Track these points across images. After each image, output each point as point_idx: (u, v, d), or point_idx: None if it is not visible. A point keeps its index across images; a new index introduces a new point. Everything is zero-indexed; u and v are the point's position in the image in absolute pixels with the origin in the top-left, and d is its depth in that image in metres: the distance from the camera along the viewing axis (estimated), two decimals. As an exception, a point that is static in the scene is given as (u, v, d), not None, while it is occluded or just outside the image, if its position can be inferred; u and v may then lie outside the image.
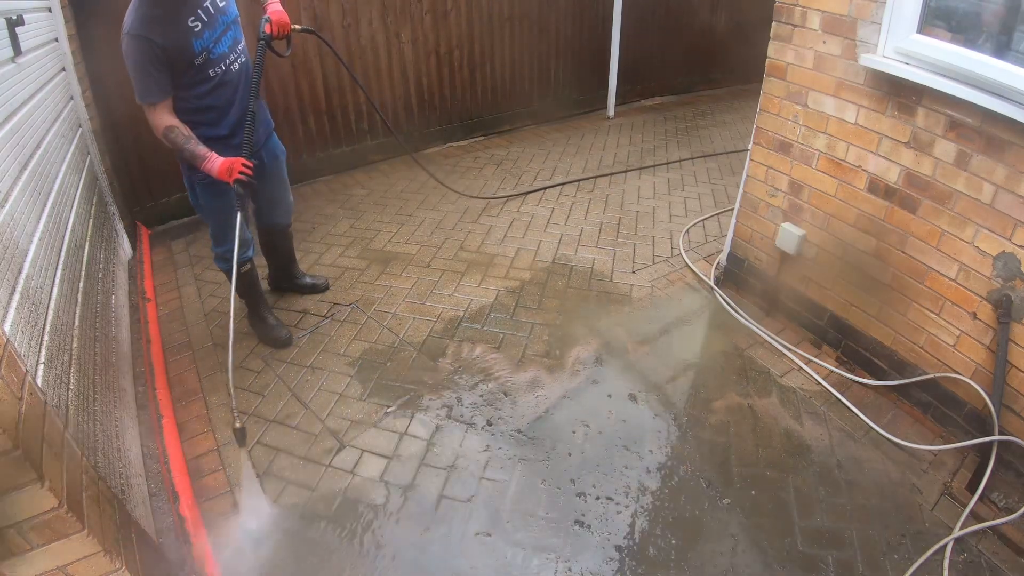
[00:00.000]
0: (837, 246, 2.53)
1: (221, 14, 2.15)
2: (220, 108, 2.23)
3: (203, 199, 2.39)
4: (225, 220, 2.41)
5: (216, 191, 2.33)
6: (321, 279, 3.20)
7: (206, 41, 2.08)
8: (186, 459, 2.19)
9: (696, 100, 6.43)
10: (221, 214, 2.42)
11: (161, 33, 1.97)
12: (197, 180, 2.32)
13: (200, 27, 2.06)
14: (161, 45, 1.97)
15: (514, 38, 5.10)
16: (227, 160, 2.15)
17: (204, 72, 2.11)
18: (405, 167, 4.64)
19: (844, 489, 2.10)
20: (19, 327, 1.50)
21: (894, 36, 2.08)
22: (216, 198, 2.37)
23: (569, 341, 2.81)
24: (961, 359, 2.18)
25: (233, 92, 2.24)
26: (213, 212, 2.44)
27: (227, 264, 2.49)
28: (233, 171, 2.14)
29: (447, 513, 2.02)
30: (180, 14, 2.02)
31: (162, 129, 2.08)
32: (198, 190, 2.37)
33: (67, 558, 1.21)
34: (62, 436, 1.28)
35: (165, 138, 2.10)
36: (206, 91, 2.15)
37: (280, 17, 2.28)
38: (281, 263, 3.04)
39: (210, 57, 2.11)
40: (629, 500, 2.07)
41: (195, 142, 2.13)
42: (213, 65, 2.13)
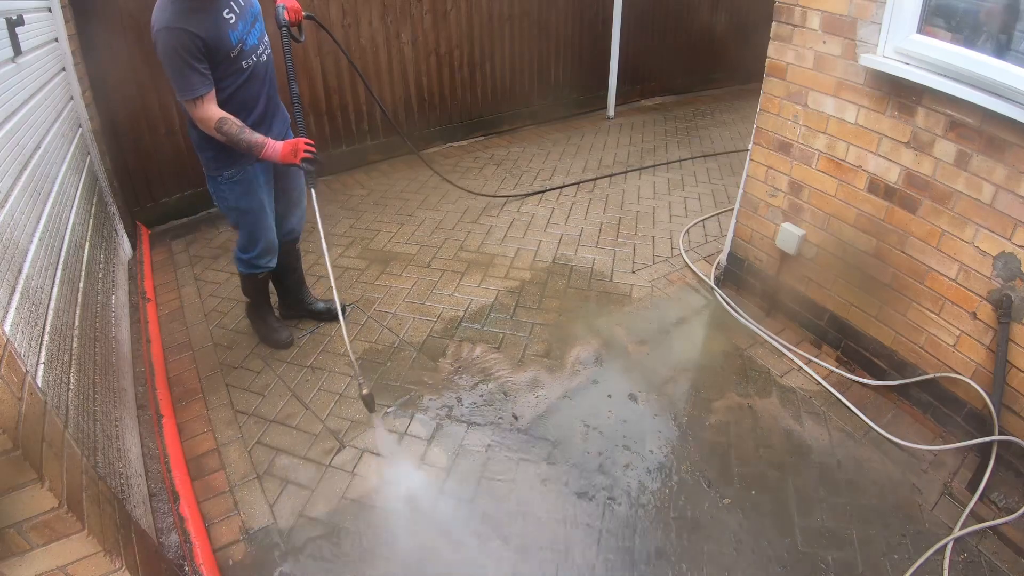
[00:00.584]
0: (837, 246, 2.53)
1: (249, 6, 2.16)
2: (250, 100, 2.19)
3: (232, 198, 2.30)
4: (256, 222, 2.37)
5: (246, 189, 2.28)
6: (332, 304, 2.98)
7: (241, 33, 2.07)
8: (186, 459, 2.19)
9: (696, 100, 6.43)
10: (251, 215, 2.35)
11: (200, 25, 1.92)
12: (224, 179, 2.25)
13: (234, 19, 2.05)
14: (201, 36, 1.92)
15: (514, 38, 5.10)
16: (289, 142, 2.14)
17: (238, 64, 2.09)
18: (405, 167, 4.64)
19: (844, 489, 2.10)
20: (19, 327, 1.50)
21: (894, 36, 2.08)
22: (246, 196, 2.30)
23: (569, 341, 2.81)
24: (961, 359, 2.18)
25: (260, 85, 2.22)
26: (243, 214, 2.35)
27: (252, 269, 2.51)
28: (298, 151, 2.13)
29: (447, 513, 2.02)
30: (215, 6, 2.00)
31: (215, 121, 2.02)
32: (225, 190, 2.28)
33: (67, 558, 1.21)
34: (62, 436, 1.28)
35: (219, 131, 2.04)
36: (239, 84, 2.12)
37: (293, 3, 2.28)
38: (291, 286, 2.86)
39: (243, 49, 2.09)
40: (630, 500, 2.07)
41: (249, 131, 2.09)
42: (246, 57, 2.11)
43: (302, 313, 2.94)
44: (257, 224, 2.39)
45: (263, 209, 2.38)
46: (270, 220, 2.43)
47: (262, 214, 2.38)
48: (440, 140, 5.10)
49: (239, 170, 2.24)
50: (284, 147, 2.14)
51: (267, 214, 2.41)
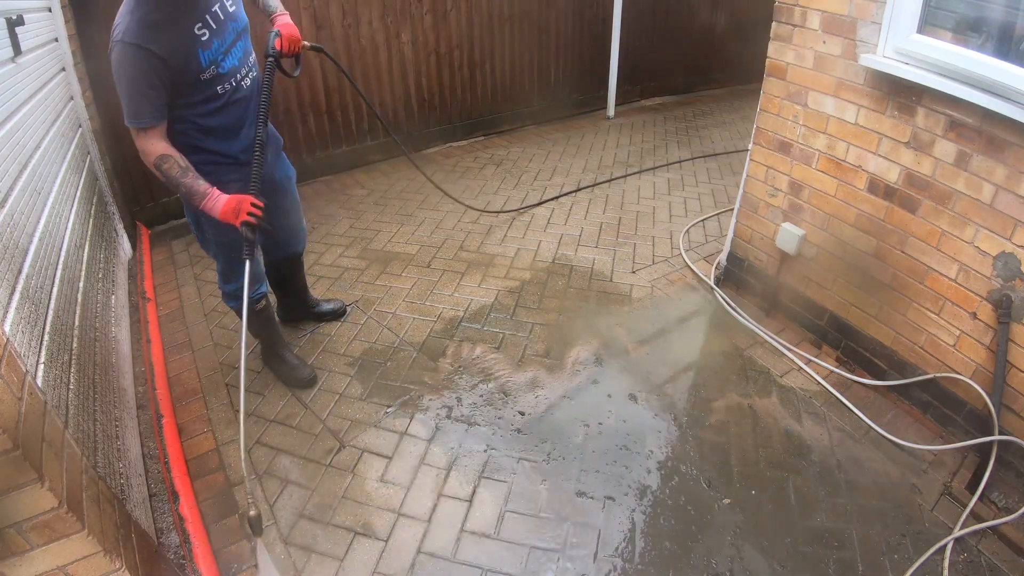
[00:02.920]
0: (837, 246, 2.53)
1: (231, 20, 1.85)
2: (231, 129, 1.94)
3: (210, 233, 2.10)
4: (234, 256, 2.09)
5: (226, 225, 1.95)
6: (338, 303, 2.95)
7: (215, 52, 1.79)
8: (186, 459, 2.19)
9: (696, 100, 6.43)
10: (231, 250, 2.10)
11: (162, 42, 1.66)
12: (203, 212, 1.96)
13: (208, 36, 1.76)
14: (161, 56, 1.66)
15: (514, 38, 5.10)
16: (232, 199, 1.85)
17: (211, 88, 1.82)
18: (405, 167, 4.63)
19: (844, 489, 2.10)
20: (19, 327, 1.50)
21: (894, 36, 2.08)
22: (226, 233, 2.03)
23: (569, 341, 2.81)
24: (961, 359, 2.18)
25: (244, 111, 1.95)
26: (223, 246, 2.13)
27: (238, 302, 2.14)
28: (240, 211, 1.84)
29: (447, 513, 2.02)
30: (185, 19, 1.72)
31: (153, 158, 1.77)
32: (203, 223, 2.07)
33: (67, 558, 1.21)
34: (62, 436, 1.28)
35: (157, 169, 1.79)
36: (213, 110, 1.86)
37: (291, 32, 2.00)
38: (294, 293, 2.77)
39: (218, 72, 1.81)
40: (629, 500, 2.07)
41: (193, 175, 1.82)
42: (222, 81, 1.84)
43: (305, 316, 2.88)
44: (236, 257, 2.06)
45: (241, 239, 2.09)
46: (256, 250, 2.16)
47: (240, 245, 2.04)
48: (440, 140, 5.10)
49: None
50: (226, 204, 1.84)
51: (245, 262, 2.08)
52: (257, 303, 2.33)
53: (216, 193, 1.85)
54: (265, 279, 2.36)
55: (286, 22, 2.04)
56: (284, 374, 2.56)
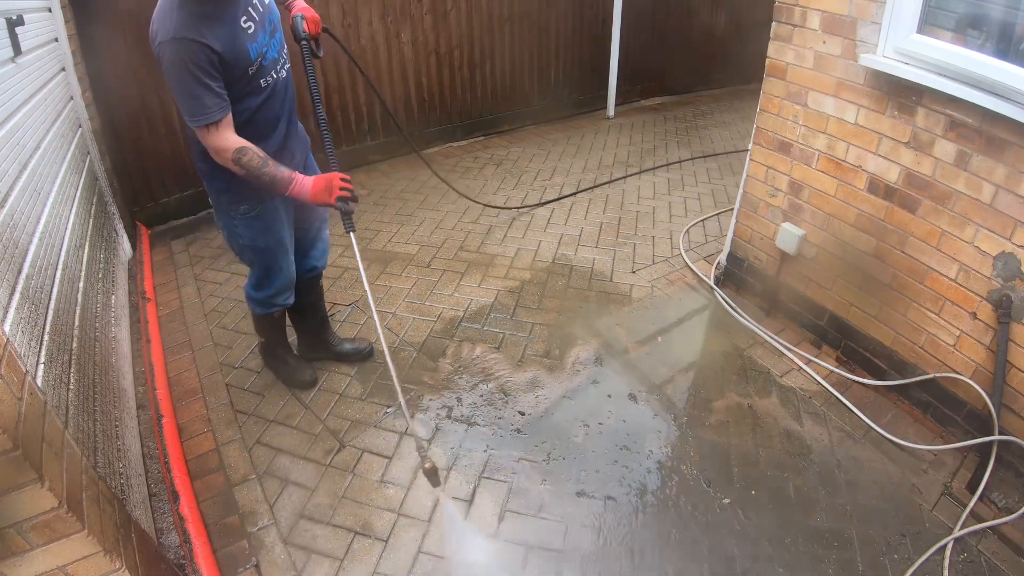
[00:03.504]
0: (837, 246, 2.53)
1: (268, 13, 1.82)
2: (269, 124, 1.88)
3: (247, 236, 2.01)
4: (274, 260, 2.09)
5: (265, 225, 1.98)
6: (364, 343, 2.67)
7: (260, 45, 1.75)
8: (186, 459, 2.19)
9: (696, 100, 6.43)
10: (269, 254, 2.07)
11: (214, 35, 1.60)
12: (239, 215, 1.96)
13: (253, 28, 1.72)
14: (216, 49, 1.60)
15: (514, 38, 5.10)
16: (320, 178, 1.83)
17: (256, 82, 1.77)
18: (405, 167, 4.64)
19: (844, 489, 2.10)
20: (19, 327, 1.50)
21: (894, 36, 2.08)
22: (264, 233, 2.01)
23: (569, 341, 2.81)
24: (961, 359, 2.18)
25: (280, 105, 1.91)
26: (260, 252, 2.06)
27: (268, 308, 2.24)
28: (333, 189, 1.82)
29: (447, 513, 2.02)
30: (232, 12, 1.67)
31: (232, 152, 1.70)
32: (240, 227, 1.99)
33: (67, 558, 1.21)
34: (62, 436, 1.28)
35: (237, 163, 1.71)
36: (257, 104, 1.80)
37: (312, 14, 2.01)
38: (312, 325, 2.58)
39: (263, 64, 1.77)
40: (630, 500, 2.07)
41: (274, 163, 1.77)
42: (265, 73, 1.79)
43: (324, 355, 2.63)
44: (275, 262, 2.11)
45: (282, 245, 2.09)
46: (291, 256, 2.16)
47: (281, 250, 2.10)
48: (440, 140, 5.10)
49: (256, 204, 1.94)
50: (316, 183, 1.82)
51: (287, 250, 2.13)
52: (276, 312, 2.31)
53: (300, 177, 1.82)
54: (294, 289, 2.26)
55: (304, 5, 2.03)
56: (285, 375, 2.53)
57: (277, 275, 2.15)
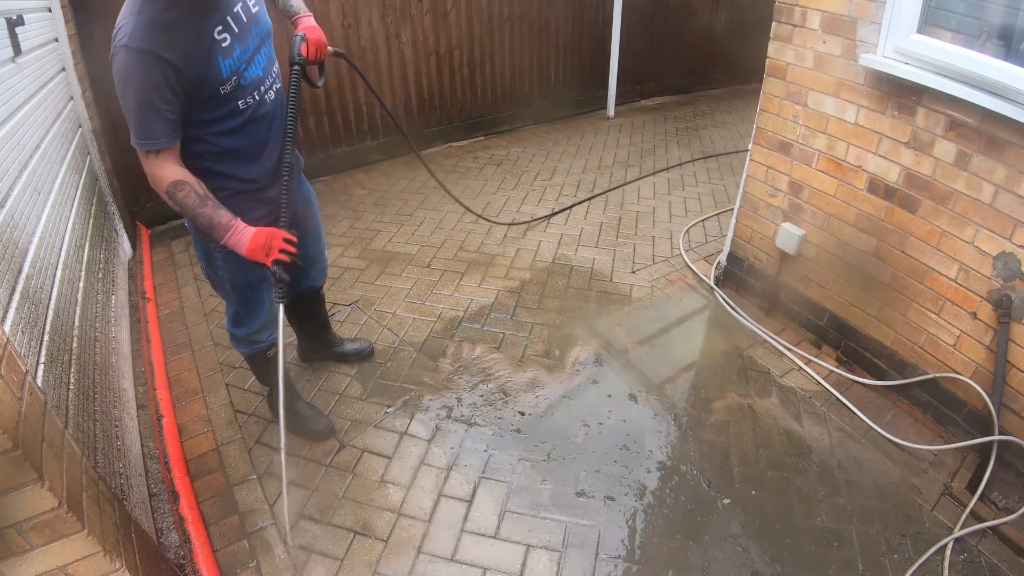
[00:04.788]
0: (837, 246, 2.53)
1: (254, 23, 1.58)
2: (251, 151, 1.67)
3: (224, 271, 1.81)
4: (254, 296, 1.89)
5: (243, 261, 1.65)
6: (364, 343, 2.64)
7: (237, 60, 1.51)
8: (186, 459, 2.19)
9: (696, 100, 6.43)
10: (249, 290, 1.87)
11: (176, 47, 1.38)
12: (218, 248, 1.71)
13: (230, 41, 1.49)
14: (175, 65, 1.38)
15: (514, 38, 5.10)
16: (260, 232, 1.58)
17: (232, 103, 1.54)
18: (405, 167, 4.64)
19: (844, 489, 2.10)
20: (19, 327, 1.50)
21: (894, 36, 2.08)
22: (242, 270, 1.80)
23: (569, 341, 2.81)
24: (961, 359, 2.18)
25: (267, 130, 1.68)
26: (237, 288, 1.86)
27: (253, 347, 2.04)
28: (272, 248, 1.58)
29: (447, 513, 2.02)
30: (203, 20, 1.44)
31: (166, 185, 1.48)
32: (217, 260, 1.79)
33: (67, 558, 1.21)
34: (62, 436, 1.28)
35: (171, 198, 1.50)
36: (233, 128, 1.58)
37: (318, 36, 1.75)
38: (313, 331, 2.51)
39: (240, 83, 1.54)
40: (630, 500, 2.07)
41: (213, 204, 1.54)
42: (244, 94, 1.56)
43: (325, 356, 2.60)
44: (255, 299, 1.90)
45: (264, 280, 1.87)
46: (266, 293, 1.92)
47: (262, 286, 1.89)
48: (440, 140, 5.10)
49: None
50: (254, 239, 1.57)
51: (269, 285, 1.87)
52: (268, 349, 2.08)
53: (241, 226, 1.57)
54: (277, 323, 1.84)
55: (311, 25, 1.78)
56: (297, 426, 2.24)
57: (258, 312, 1.93)
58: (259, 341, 2.04)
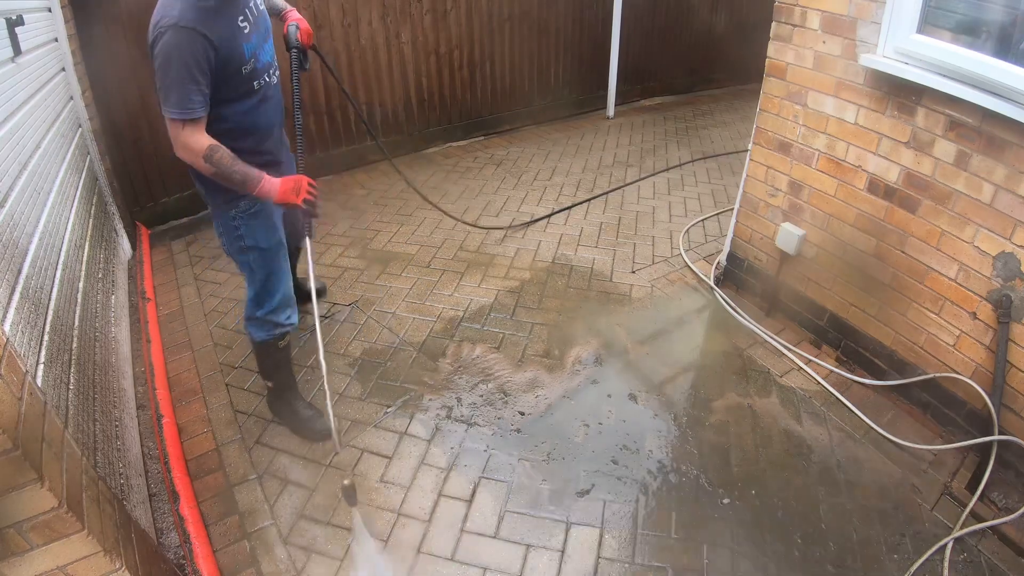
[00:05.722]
0: (837, 246, 2.53)
1: (262, 18, 1.84)
2: (262, 129, 1.89)
3: (249, 236, 1.95)
4: (275, 263, 2.04)
5: (265, 222, 1.93)
6: (319, 283, 3.02)
7: (253, 46, 1.75)
8: (186, 459, 2.19)
9: (696, 100, 6.43)
10: (270, 256, 2.01)
11: (215, 29, 1.60)
12: (240, 213, 1.90)
13: (248, 29, 1.73)
14: (215, 44, 1.60)
15: (514, 38, 5.10)
16: (289, 179, 1.80)
17: (249, 83, 1.77)
18: (404, 167, 4.63)
19: (844, 489, 2.10)
20: (19, 327, 1.50)
21: (894, 36, 2.08)
22: (265, 232, 1.96)
23: (569, 341, 2.81)
24: (961, 359, 2.18)
25: (273, 112, 1.92)
26: (262, 254, 1.99)
27: (270, 331, 2.11)
28: (300, 190, 1.80)
29: (447, 513, 2.02)
30: (232, 9, 1.68)
31: (203, 150, 1.66)
32: (241, 226, 1.93)
33: (67, 558, 1.21)
34: (62, 436, 1.28)
35: (208, 160, 1.67)
36: (249, 107, 1.81)
37: (307, 26, 2.06)
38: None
39: (256, 66, 1.77)
40: (629, 500, 2.07)
41: (241, 163, 1.73)
42: (258, 76, 1.79)
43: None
44: (276, 267, 2.05)
45: (282, 244, 2.06)
46: (288, 263, 2.11)
47: (281, 253, 2.05)
48: (440, 140, 5.10)
49: (255, 200, 1.88)
50: (284, 184, 1.78)
51: (285, 254, 2.08)
52: (282, 339, 2.17)
53: (268, 176, 1.78)
54: (295, 309, 2.15)
55: (299, 17, 2.10)
56: (296, 426, 2.30)
57: (278, 284, 2.06)
58: (277, 323, 2.11)
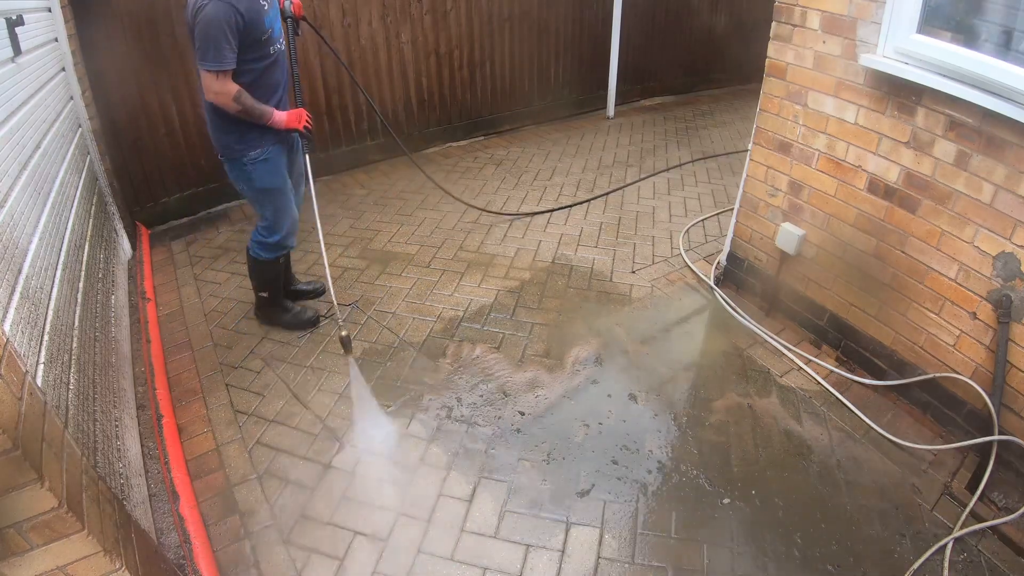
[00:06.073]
0: (837, 246, 2.53)
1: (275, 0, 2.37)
2: (273, 84, 2.38)
3: (258, 179, 2.45)
4: (283, 199, 2.54)
5: (272, 167, 2.45)
6: (318, 283, 3.16)
7: (270, 20, 2.26)
8: (186, 459, 2.19)
9: (696, 100, 6.43)
10: (278, 193, 2.52)
11: (243, 3, 2.12)
12: (251, 160, 2.39)
13: (267, 6, 2.26)
14: (244, 16, 2.12)
15: (514, 38, 5.10)
16: (293, 111, 2.40)
17: (266, 48, 2.27)
18: (405, 167, 4.63)
19: (844, 489, 2.10)
20: (19, 327, 1.50)
21: (894, 36, 2.08)
22: (272, 175, 2.47)
23: (569, 341, 2.81)
24: (961, 359, 2.18)
25: (281, 72, 2.41)
26: (271, 193, 2.51)
27: (276, 252, 2.66)
28: (301, 118, 2.40)
29: (447, 513, 2.02)
30: None
31: (233, 93, 2.20)
32: (252, 171, 2.42)
33: (67, 558, 1.21)
34: (62, 436, 1.28)
35: (237, 101, 2.21)
36: (265, 67, 2.31)
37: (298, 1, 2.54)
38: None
39: (272, 35, 2.28)
40: (629, 500, 2.07)
41: (259, 102, 2.29)
42: (272, 43, 2.30)
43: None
44: (284, 202, 2.56)
45: (287, 184, 2.57)
46: (292, 198, 2.62)
47: (287, 189, 2.56)
48: (440, 140, 5.10)
49: (264, 149, 2.40)
50: (289, 115, 2.38)
51: (291, 191, 2.60)
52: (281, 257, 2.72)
53: (276, 111, 2.35)
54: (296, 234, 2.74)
55: None
56: (287, 321, 2.85)
57: (286, 214, 2.58)
58: (283, 247, 2.67)
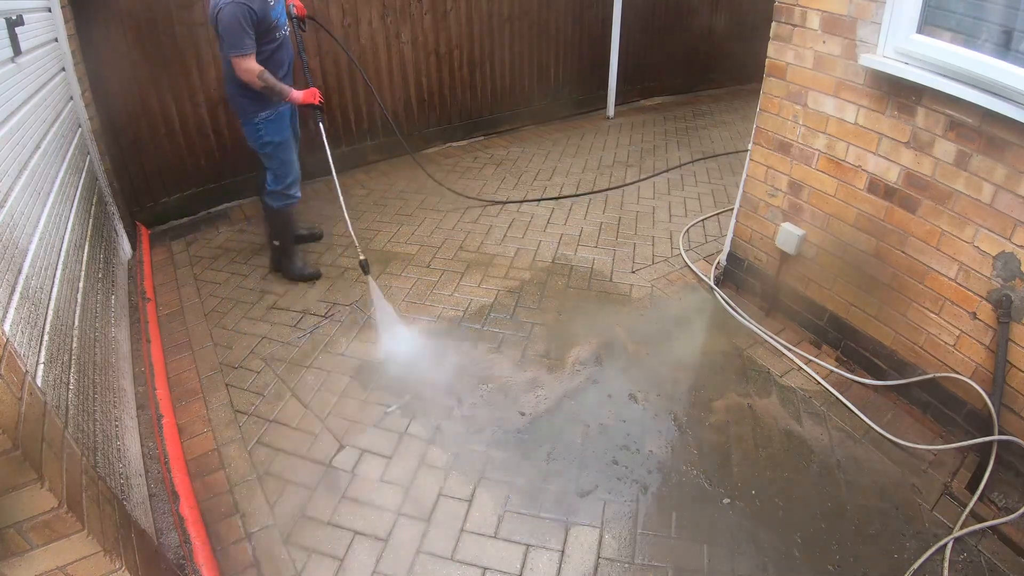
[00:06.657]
0: (837, 246, 2.53)
1: None
2: (280, 62, 2.81)
3: (268, 135, 2.88)
4: (288, 151, 2.98)
5: (279, 125, 2.89)
6: (316, 228, 3.69)
7: (277, 12, 2.72)
8: (186, 459, 2.19)
9: (696, 100, 6.43)
10: (285, 146, 2.95)
11: (257, 4, 2.56)
12: (262, 120, 2.83)
13: (274, 2, 2.70)
14: (257, 11, 2.56)
15: (514, 38, 5.10)
16: (309, 90, 2.85)
17: (274, 34, 2.72)
18: (405, 167, 4.63)
19: (844, 489, 2.10)
20: (19, 327, 1.50)
21: (894, 36, 2.08)
22: (280, 131, 2.90)
23: (569, 341, 2.81)
24: (961, 359, 2.18)
25: (287, 52, 2.86)
26: (279, 146, 2.93)
27: (285, 201, 3.07)
28: (315, 96, 2.86)
29: (447, 513, 2.02)
30: None
31: (258, 71, 2.62)
32: (263, 128, 2.85)
33: (67, 558, 1.21)
34: (62, 436, 1.28)
35: (260, 78, 2.63)
36: (275, 48, 2.75)
37: (299, 3, 2.98)
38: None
39: (278, 24, 2.74)
40: (629, 500, 2.07)
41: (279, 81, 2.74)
42: (279, 29, 2.76)
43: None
44: (289, 154, 2.99)
45: (291, 141, 3.00)
46: (296, 152, 3.05)
47: (291, 145, 3.00)
48: (440, 140, 5.10)
49: (273, 110, 2.84)
50: (306, 92, 2.84)
51: (295, 146, 3.05)
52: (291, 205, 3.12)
53: (294, 90, 2.80)
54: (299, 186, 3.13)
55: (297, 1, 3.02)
56: (296, 272, 3.26)
57: (291, 165, 3.01)
58: (290, 195, 3.07)
